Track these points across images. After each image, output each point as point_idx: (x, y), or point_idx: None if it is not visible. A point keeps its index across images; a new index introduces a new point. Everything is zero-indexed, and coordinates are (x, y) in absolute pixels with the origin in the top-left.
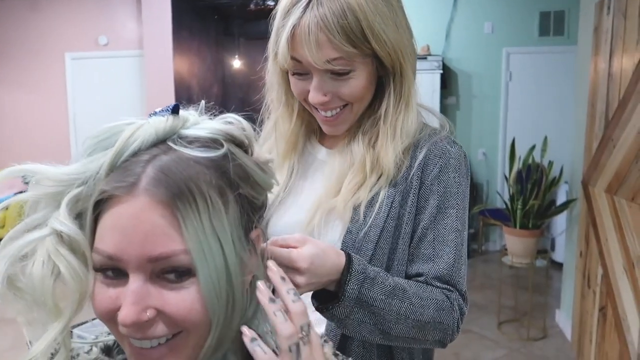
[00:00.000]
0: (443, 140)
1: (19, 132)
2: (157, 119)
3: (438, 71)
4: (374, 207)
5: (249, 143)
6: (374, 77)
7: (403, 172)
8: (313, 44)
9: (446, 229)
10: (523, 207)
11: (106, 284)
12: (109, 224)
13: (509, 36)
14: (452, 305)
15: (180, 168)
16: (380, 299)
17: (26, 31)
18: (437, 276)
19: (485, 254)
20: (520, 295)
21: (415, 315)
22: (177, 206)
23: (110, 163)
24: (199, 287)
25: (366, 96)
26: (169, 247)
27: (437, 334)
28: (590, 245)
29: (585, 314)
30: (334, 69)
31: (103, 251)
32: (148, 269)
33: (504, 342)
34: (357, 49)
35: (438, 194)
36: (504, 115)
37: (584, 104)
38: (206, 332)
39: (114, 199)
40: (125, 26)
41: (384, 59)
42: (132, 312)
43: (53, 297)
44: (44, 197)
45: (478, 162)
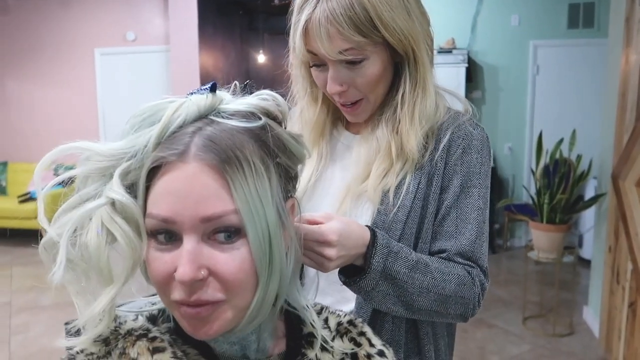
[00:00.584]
0: (466, 123)
1: (50, 126)
2: (197, 97)
3: (463, 65)
4: (401, 190)
5: (282, 117)
6: (388, 63)
7: (428, 155)
8: (324, 36)
9: (469, 207)
10: (550, 201)
11: (160, 249)
12: (162, 189)
13: (537, 29)
14: (474, 280)
15: (225, 137)
16: (403, 272)
17: (57, 28)
18: (459, 252)
19: (511, 250)
20: (546, 291)
21: (437, 288)
22: (226, 170)
23: (157, 136)
24: (247, 248)
25: (381, 85)
26: (220, 207)
27: (459, 308)
28: (619, 240)
29: (614, 310)
30: (347, 58)
31: (157, 215)
32: (200, 230)
33: (529, 337)
34: (367, 38)
35: (461, 174)
36: (531, 109)
37: (614, 96)
38: (250, 296)
39: (165, 167)
40: (152, 22)
41: (395, 45)
42: (189, 269)
43: (108, 264)
44: (94, 172)
45: (504, 156)
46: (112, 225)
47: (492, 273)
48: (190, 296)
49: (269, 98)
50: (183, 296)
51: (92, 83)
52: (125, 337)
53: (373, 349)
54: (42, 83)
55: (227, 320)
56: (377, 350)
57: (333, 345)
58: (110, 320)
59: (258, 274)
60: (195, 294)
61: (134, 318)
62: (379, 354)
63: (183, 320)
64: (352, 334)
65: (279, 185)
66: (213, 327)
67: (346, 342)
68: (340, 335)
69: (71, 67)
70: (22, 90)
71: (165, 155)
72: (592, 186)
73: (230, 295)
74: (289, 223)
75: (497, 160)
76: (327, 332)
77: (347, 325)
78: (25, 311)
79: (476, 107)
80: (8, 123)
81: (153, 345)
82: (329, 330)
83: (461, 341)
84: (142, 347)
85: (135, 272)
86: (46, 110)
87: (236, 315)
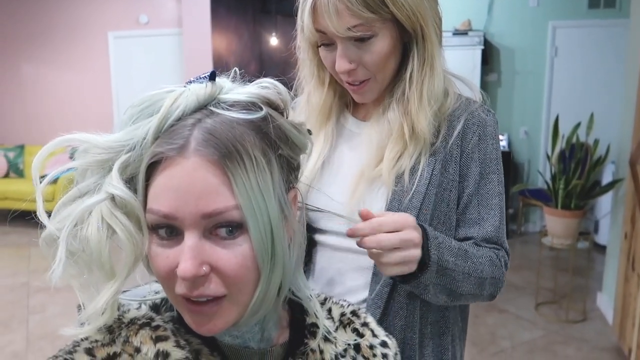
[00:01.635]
0: (479, 109)
1: (64, 110)
2: (196, 86)
3: (479, 47)
4: (415, 174)
5: (284, 106)
6: (397, 41)
7: (441, 140)
8: (333, 13)
9: (489, 194)
10: (565, 187)
11: (162, 245)
12: (162, 184)
13: (556, 9)
14: (500, 261)
15: (226, 129)
16: (451, 261)
17: (70, 11)
18: (486, 238)
19: (525, 235)
20: (560, 277)
21: (477, 272)
22: (227, 165)
23: (156, 128)
24: (249, 244)
25: (389, 63)
26: (221, 203)
27: (491, 288)
28: (636, 226)
29: (629, 297)
30: (355, 35)
31: (158, 211)
32: (201, 226)
33: (541, 323)
34: (376, 14)
35: (479, 161)
36: (548, 93)
37: (634, 79)
38: (252, 291)
39: (165, 161)
40: (164, 5)
41: (404, 22)
42: (191, 265)
43: (110, 258)
44: (92, 165)
45: (520, 140)
46: (113, 220)
47: None
48: (193, 291)
49: (270, 86)
50: (185, 291)
51: (106, 66)
52: (129, 326)
53: (376, 339)
54: (57, 67)
55: (231, 317)
56: (380, 341)
57: (336, 336)
58: (113, 312)
59: (260, 268)
60: (197, 290)
61: (137, 307)
62: (382, 345)
63: (187, 315)
64: (355, 325)
65: (281, 177)
66: (217, 324)
67: (349, 333)
68: (344, 326)
69: (85, 51)
70: (37, 74)
71: (164, 150)
72: (609, 171)
73: (233, 291)
74: (291, 215)
75: (512, 144)
76: (330, 322)
77: (350, 316)
78: (43, 292)
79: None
80: (24, 107)
81: (156, 334)
82: (332, 320)
83: (472, 326)
84: (145, 336)
85: (137, 266)
86: (61, 93)
87: (239, 310)
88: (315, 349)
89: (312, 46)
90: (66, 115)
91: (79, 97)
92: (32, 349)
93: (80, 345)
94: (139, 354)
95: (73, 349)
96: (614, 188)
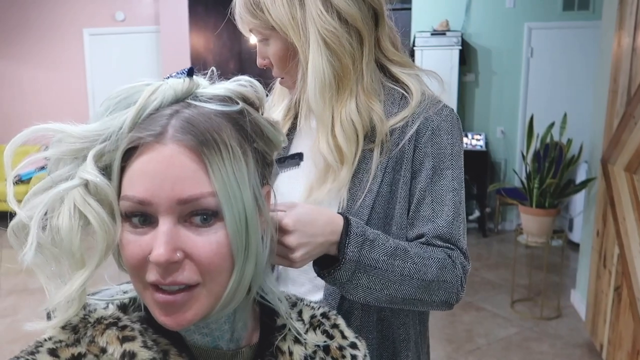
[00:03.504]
0: (435, 105)
1: (39, 107)
2: (174, 80)
3: (457, 47)
4: (369, 173)
5: (259, 104)
6: (292, 46)
7: (395, 138)
8: (237, 17)
9: (443, 190)
10: (540, 186)
11: (134, 232)
12: (138, 170)
13: (532, 11)
14: (454, 263)
15: (203, 120)
16: (382, 260)
17: (44, 7)
18: (438, 235)
19: (502, 234)
20: (535, 274)
21: (419, 274)
22: (204, 152)
23: (133, 118)
24: (223, 231)
25: (289, 65)
26: (197, 189)
27: (442, 294)
28: (607, 224)
29: (600, 293)
30: (256, 37)
31: (133, 197)
32: (176, 212)
33: (516, 320)
34: (258, 20)
35: (432, 156)
36: (524, 93)
37: (606, 79)
38: (225, 281)
39: (142, 148)
40: (141, 2)
41: (278, 30)
42: (164, 250)
43: (80, 247)
44: (66, 154)
45: (497, 140)
46: (86, 207)
47: (482, 256)
48: (166, 278)
49: (246, 84)
50: (157, 277)
51: (81, 64)
52: (95, 326)
53: (345, 341)
54: (31, 64)
55: (201, 308)
56: (349, 343)
57: (306, 338)
58: (80, 305)
59: (234, 257)
60: (170, 276)
61: (105, 306)
62: (351, 346)
63: (155, 308)
64: (325, 327)
65: (256, 170)
66: (187, 316)
67: (319, 335)
68: (313, 327)
69: (60, 48)
70: (10, 71)
71: (142, 135)
72: (583, 170)
73: (206, 279)
74: (265, 208)
75: (489, 143)
76: (300, 324)
77: (320, 318)
78: (14, 294)
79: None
80: None
81: (123, 334)
82: (303, 323)
83: (449, 324)
84: (112, 336)
85: (108, 255)
86: (35, 91)
87: (210, 302)
88: (285, 351)
89: None
90: (40, 114)
91: (53, 95)
92: (2, 353)
93: (43, 345)
94: (105, 354)
95: (35, 350)
96: (587, 187)
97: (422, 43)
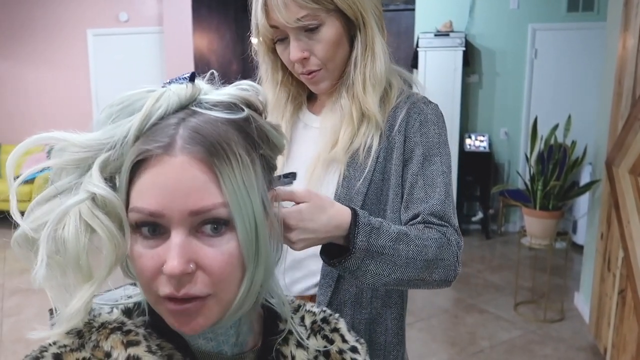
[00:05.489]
0: (419, 101)
1: (43, 108)
2: (177, 86)
3: (461, 48)
4: (370, 154)
5: (263, 108)
6: (343, 31)
7: (386, 129)
8: (281, 6)
9: (434, 174)
10: (544, 188)
11: (145, 245)
12: (149, 182)
13: (536, 12)
14: (449, 240)
15: (211, 128)
16: (388, 246)
17: (49, 8)
18: (432, 212)
19: (505, 235)
20: (539, 277)
21: (421, 255)
22: (214, 162)
23: (138, 127)
24: (235, 241)
25: (338, 53)
26: (209, 200)
27: (441, 272)
28: (611, 227)
29: (604, 297)
30: (304, 24)
31: (143, 209)
32: (188, 224)
33: (520, 323)
34: (319, 4)
35: (422, 145)
36: (528, 94)
37: (610, 81)
38: (236, 289)
39: (151, 159)
40: (145, 3)
41: (346, 11)
42: (178, 263)
43: (88, 260)
44: (69, 164)
45: (500, 141)
46: (94, 220)
47: (485, 258)
48: (179, 290)
49: (249, 88)
50: (172, 290)
51: (85, 64)
52: (99, 330)
53: (346, 344)
54: (35, 64)
55: (214, 315)
56: (349, 346)
57: (308, 343)
58: (85, 315)
59: (245, 265)
60: (183, 288)
61: (109, 311)
62: (352, 350)
63: (170, 316)
64: (325, 332)
65: (263, 176)
66: (199, 323)
67: (319, 340)
68: (314, 333)
69: (64, 48)
70: (14, 71)
71: (150, 148)
72: (587, 172)
73: (217, 289)
74: (272, 213)
75: (493, 145)
76: (302, 329)
77: (320, 323)
78: (18, 294)
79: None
80: (1, 105)
81: (127, 339)
82: (305, 328)
83: (452, 326)
84: (116, 340)
85: (116, 268)
86: (39, 91)
87: (222, 309)
88: (287, 355)
89: (267, 48)
90: (44, 114)
91: (57, 95)
92: (5, 352)
93: (48, 350)
94: (109, 359)
95: (40, 354)
96: (591, 189)
97: (425, 44)
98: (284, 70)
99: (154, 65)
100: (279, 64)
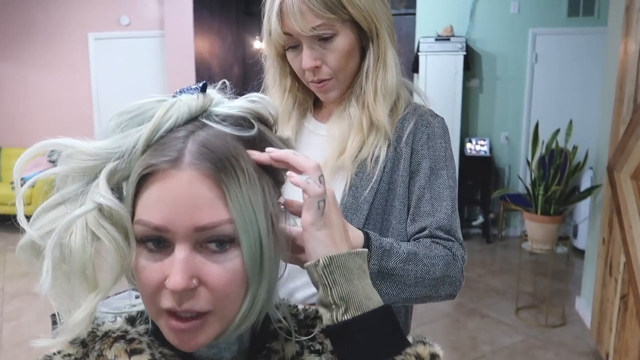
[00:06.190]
0: (426, 114)
1: (44, 111)
2: (188, 97)
3: (461, 52)
4: (378, 164)
5: (274, 121)
6: (356, 42)
7: (393, 140)
8: (298, 14)
9: (440, 187)
10: (545, 192)
11: (150, 258)
12: (155, 196)
13: (536, 16)
14: (455, 256)
15: (220, 143)
16: (399, 267)
17: (50, 12)
18: (439, 226)
19: (506, 240)
20: (540, 281)
21: (429, 274)
22: (222, 179)
23: (147, 138)
24: (239, 258)
25: (350, 63)
26: (215, 217)
27: (447, 287)
28: (613, 232)
29: (606, 302)
30: (319, 34)
31: (149, 222)
32: (193, 239)
33: (521, 327)
34: (335, 14)
35: (429, 158)
36: (529, 99)
37: (612, 86)
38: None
39: (158, 173)
40: (146, 6)
41: (360, 22)
42: (181, 279)
43: (94, 270)
44: (76, 171)
45: (501, 146)
46: (100, 231)
47: (486, 262)
48: (181, 305)
49: (259, 101)
50: (173, 304)
51: (86, 68)
52: (103, 339)
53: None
54: (36, 67)
55: (213, 333)
56: None
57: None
58: (89, 324)
59: (249, 283)
60: (185, 303)
61: (113, 319)
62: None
63: (170, 333)
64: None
65: (270, 191)
66: (199, 341)
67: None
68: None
69: (65, 52)
70: (16, 75)
71: (157, 162)
72: (588, 177)
73: (218, 307)
74: (279, 229)
75: (493, 149)
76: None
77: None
78: (18, 298)
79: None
80: (2, 108)
81: (131, 347)
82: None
83: (454, 331)
84: (120, 349)
85: (120, 278)
86: (40, 94)
87: (222, 326)
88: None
89: (277, 54)
90: (45, 117)
91: (58, 98)
92: (5, 356)
93: (52, 359)
94: None
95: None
96: (592, 194)
97: (426, 48)
98: (292, 77)
99: (155, 68)
100: (287, 70)
